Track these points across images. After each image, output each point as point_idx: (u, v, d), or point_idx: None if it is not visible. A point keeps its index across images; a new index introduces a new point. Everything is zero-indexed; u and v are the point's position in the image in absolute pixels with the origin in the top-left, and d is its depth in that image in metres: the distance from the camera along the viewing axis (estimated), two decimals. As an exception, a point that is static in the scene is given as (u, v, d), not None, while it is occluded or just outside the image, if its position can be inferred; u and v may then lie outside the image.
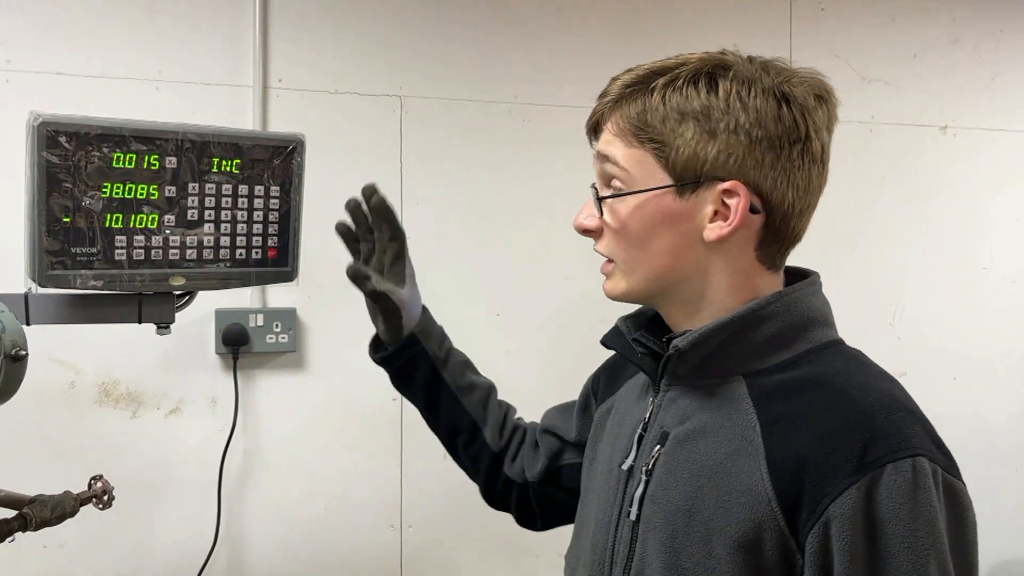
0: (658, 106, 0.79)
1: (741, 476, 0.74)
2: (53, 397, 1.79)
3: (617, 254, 0.85)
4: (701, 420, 0.80)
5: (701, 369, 0.82)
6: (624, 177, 0.82)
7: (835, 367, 0.79)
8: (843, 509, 0.67)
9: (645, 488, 0.81)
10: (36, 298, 1.14)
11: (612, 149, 0.82)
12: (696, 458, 0.79)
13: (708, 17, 2.22)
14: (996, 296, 2.44)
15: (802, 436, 0.72)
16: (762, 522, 0.72)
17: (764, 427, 0.75)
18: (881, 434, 0.70)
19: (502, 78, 2.08)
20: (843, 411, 0.72)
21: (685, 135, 0.78)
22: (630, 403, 0.95)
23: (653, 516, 0.80)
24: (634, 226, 0.82)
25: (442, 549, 2.04)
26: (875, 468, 0.68)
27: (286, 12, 1.93)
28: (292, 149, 1.19)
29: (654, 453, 0.82)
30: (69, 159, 1.05)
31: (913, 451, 0.69)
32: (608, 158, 0.83)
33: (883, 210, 2.36)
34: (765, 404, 0.77)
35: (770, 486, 0.72)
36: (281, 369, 1.93)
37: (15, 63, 1.76)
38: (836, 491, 0.68)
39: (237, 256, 1.19)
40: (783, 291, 0.82)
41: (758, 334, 0.80)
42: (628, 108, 0.81)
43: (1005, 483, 2.44)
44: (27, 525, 1.08)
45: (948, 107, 2.41)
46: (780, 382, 0.78)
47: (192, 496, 1.86)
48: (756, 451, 0.74)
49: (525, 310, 2.09)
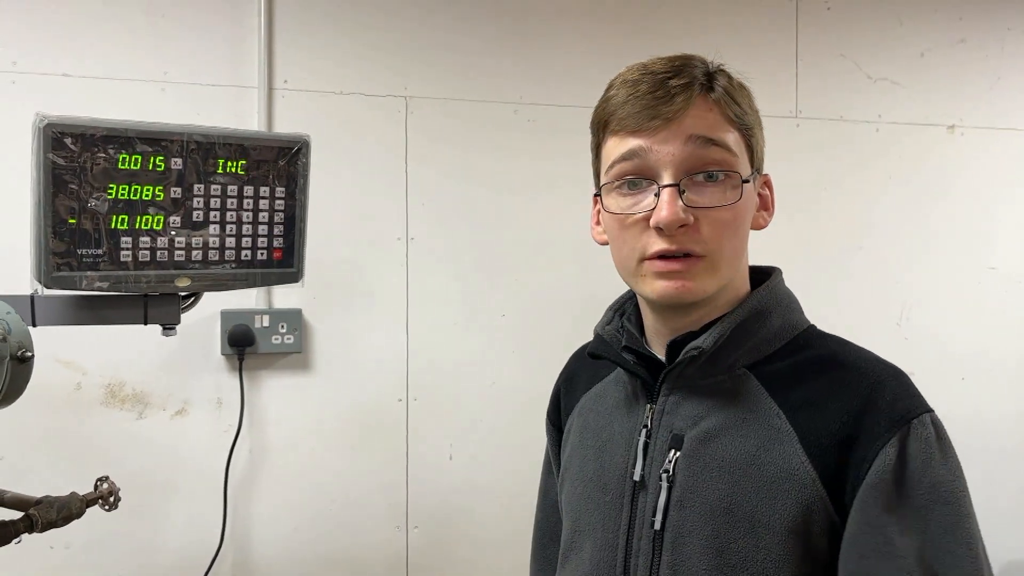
0: (740, 94, 0.82)
1: (779, 463, 0.75)
2: (59, 398, 1.79)
3: (719, 246, 0.79)
4: (719, 418, 0.80)
5: (706, 368, 0.82)
6: (733, 163, 0.79)
7: (831, 348, 0.82)
8: (883, 464, 0.71)
9: (668, 495, 0.80)
10: (42, 299, 1.14)
11: (720, 133, 0.78)
12: (724, 455, 0.78)
13: (714, 17, 2.22)
14: (1003, 296, 2.43)
15: (831, 414, 0.75)
16: (810, 503, 0.74)
17: (789, 413, 0.77)
18: (897, 396, 0.75)
19: (507, 79, 2.08)
20: (860, 385, 0.76)
21: (757, 122, 0.84)
22: (604, 413, 0.92)
23: (684, 522, 0.78)
24: (743, 214, 0.81)
25: (448, 550, 2.04)
26: (902, 425, 0.72)
27: (291, 13, 1.93)
28: (297, 150, 1.19)
29: (670, 458, 0.81)
30: (75, 160, 1.05)
31: (926, 408, 0.75)
32: (715, 141, 0.78)
33: (890, 210, 2.35)
34: (780, 391, 0.79)
35: (811, 467, 0.74)
36: (287, 370, 1.93)
37: (20, 65, 1.76)
38: (875, 452, 0.72)
39: (243, 257, 1.18)
40: (772, 284, 0.86)
41: (764, 327, 0.82)
42: (722, 93, 0.80)
43: (1012, 483, 2.43)
44: (33, 527, 1.08)
45: (955, 106, 2.40)
46: (786, 369, 0.80)
47: (198, 497, 1.87)
48: (788, 437, 0.76)
49: (531, 311, 2.09)
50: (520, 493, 2.06)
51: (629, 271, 0.83)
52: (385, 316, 1.98)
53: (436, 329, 2.02)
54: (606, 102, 0.83)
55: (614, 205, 0.82)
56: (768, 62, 2.25)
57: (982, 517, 0.74)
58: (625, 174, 0.81)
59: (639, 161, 0.79)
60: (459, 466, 2.05)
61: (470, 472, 2.04)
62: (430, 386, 2.02)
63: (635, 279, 0.83)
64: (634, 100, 0.79)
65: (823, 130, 2.27)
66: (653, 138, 0.78)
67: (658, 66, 0.80)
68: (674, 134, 0.77)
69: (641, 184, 0.80)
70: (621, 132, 0.80)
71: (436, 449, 2.03)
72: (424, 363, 2.01)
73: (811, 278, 2.26)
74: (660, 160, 0.78)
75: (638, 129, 0.79)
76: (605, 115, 0.83)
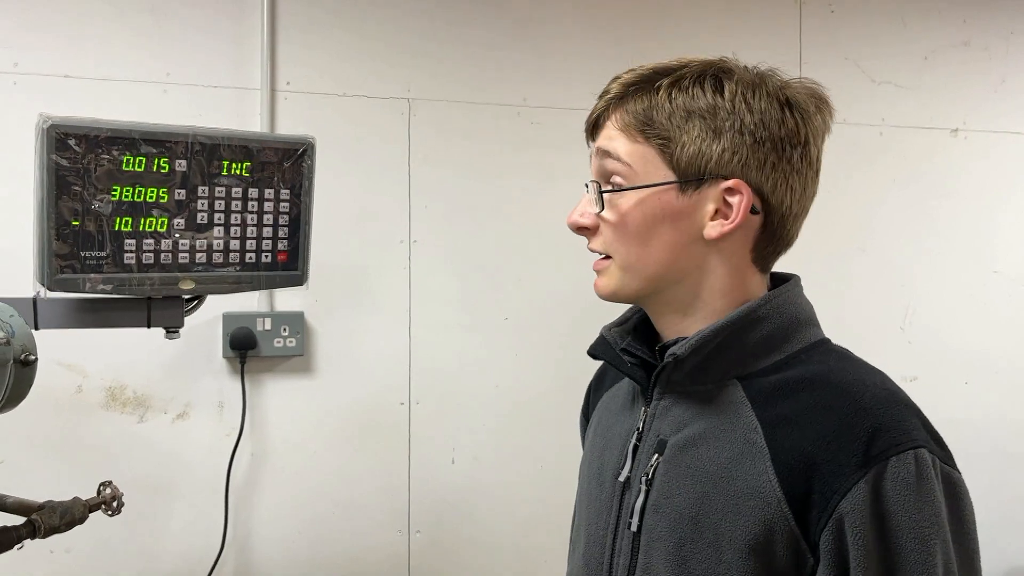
0: (664, 103, 0.80)
1: (748, 479, 0.74)
2: (60, 401, 1.78)
3: (616, 250, 0.83)
4: (700, 426, 0.80)
5: (696, 375, 0.81)
6: (627, 173, 0.81)
7: (829, 365, 0.79)
8: (854, 504, 0.68)
9: (646, 498, 0.81)
10: (45, 302, 1.14)
11: (615, 145, 0.82)
12: (698, 464, 0.78)
13: (717, 19, 2.21)
14: (1007, 299, 2.42)
15: (806, 435, 0.73)
16: (773, 523, 0.72)
17: (766, 428, 0.75)
18: (883, 428, 0.71)
19: (510, 80, 2.07)
20: (844, 408, 0.73)
21: (691, 132, 0.79)
22: (613, 413, 0.94)
23: (656, 526, 0.79)
24: (635, 221, 0.81)
25: (450, 554, 2.03)
26: (879, 462, 0.69)
27: (294, 15, 1.93)
28: (303, 152, 1.18)
29: (652, 462, 0.82)
30: (78, 162, 1.04)
31: (914, 443, 0.70)
32: (610, 153, 0.82)
33: (893, 213, 2.34)
34: (764, 405, 0.77)
35: (778, 487, 0.72)
36: (289, 373, 1.92)
37: (22, 65, 1.75)
38: (845, 487, 0.69)
39: (247, 260, 1.18)
40: (774, 292, 0.83)
41: (753, 336, 0.80)
42: (633, 105, 0.81)
43: (1017, 487, 2.42)
44: (36, 532, 1.07)
45: (959, 109, 2.39)
46: (776, 383, 0.78)
47: (199, 500, 1.86)
48: (761, 453, 0.74)
49: (534, 314, 2.08)
50: (523, 497, 2.05)
51: None
52: (387, 319, 1.97)
53: (439, 332, 2.02)
54: None
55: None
56: (772, 65, 2.24)
57: (985, 522, 0.72)
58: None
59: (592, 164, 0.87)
60: (461, 469, 2.04)
61: (473, 475, 2.03)
62: (432, 389, 2.01)
63: None
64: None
65: (827, 133, 2.26)
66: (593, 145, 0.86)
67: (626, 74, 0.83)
68: (597, 143, 0.85)
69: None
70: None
71: (438, 452, 2.02)
72: (426, 366, 2.01)
73: (814, 281, 2.24)
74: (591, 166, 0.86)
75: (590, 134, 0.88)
76: None
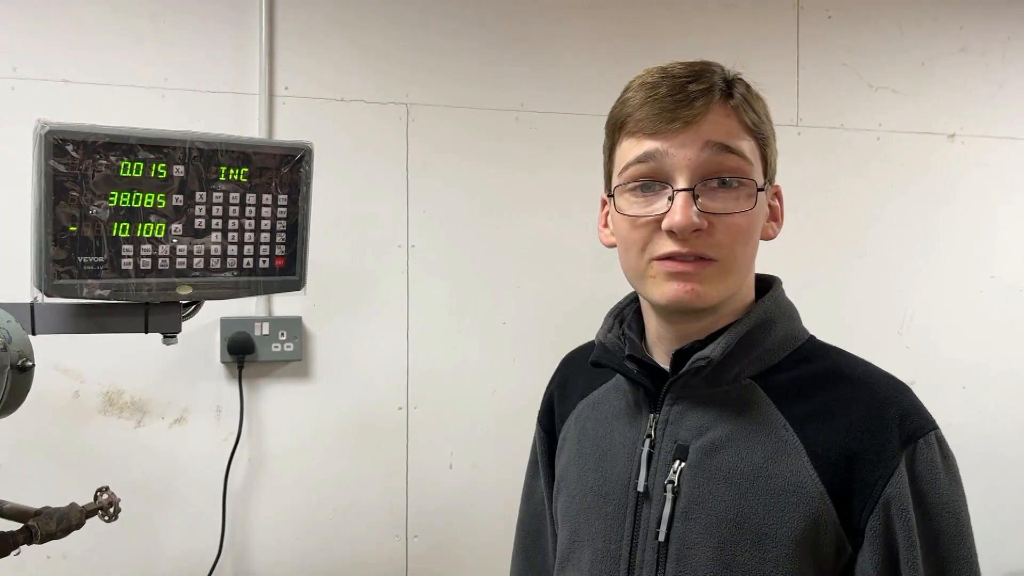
0: (759, 104, 0.82)
1: (786, 476, 0.75)
2: (57, 406, 1.78)
3: (732, 252, 0.78)
4: (725, 429, 0.80)
5: (713, 378, 0.81)
6: (748, 171, 0.79)
7: (836, 360, 0.82)
8: (898, 488, 0.72)
9: (673, 506, 0.79)
10: (42, 307, 1.14)
11: (736, 140, 0.78)
12: (730, 466, 0.78)
13: (716, 25, 2.22)
14: (1005, 305, 2.43)
15: (839, 428, 0.75)
16: (817, 516, 0.74)
17: (795, 425, 0.77)
18: (905, 414, 0.75)
19: (508, 85, 2.07)
20: (868, 400, 0.77)
21: (773, 135, 0.84)
22: (604, 422, 0.91)
23: (689, 533, 0.78)
24: (753, 222, 0.80)
25: (447, 559, 2.03)
26: (909, 445, 0.74)
27: (292, 20, 1.93)
28: (300, 157, 1.19)
29: (675, 469, 0.80)
30: (76, 167, 1.04)
31: (931, 425, 0.76)
32: (731, 148, 0.77)
33: (891, 218, 2.34)
34: (786, 403, 0.79)
35: (819, 480, 0.74)
36: (287, 378, 1.92)
37: (20, 71, 1.76)
38: (888, 473, 0.72)
39: (244, 265, 1.18)
40: (776, 293, 0.86)
41: (771, 336, 0.82)
42: (743, 101, 0.79)
43: (1015, 493, 2.42)
44: (32, 538, 1.07)
45: (956, 115, 2.40)
46: (792, 380, 0.80)
47: (197, 505, 1.85)
48: (795, 449, 0.76)
49: (531, 318, 2.08)
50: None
51: (638, 273, 0.82)
52: (385, 323, 1.97)
53: (436, 336, 2.01)
54: (623, 104, 0.82)
55: (627, 206, 0.81)
56: (769, 70, 2.25)
57: (984, 527, 0.75)
58: (640, 176, 0.80)
59: (655, 164, 0.78)
60: (459, 474, 2.03)
61: (470, 480, 2.03)
62: (430, 394, 2.01)
63: (643, 281, 0.81)
64: (652, 103, 0.78)
65: (824, 138, 2.27)
66: (670, 141, 0.77)
67: (677, 70, 0.79)
68: (692, 139, 0.77)
69: (655, 187, 0.79)
70: (638, 134, 0.79)
71: (436, 457, 2.02)
72: (424, 371, 2.01)
73: (812, 286, 2.26)
74: (676, 164, 0.77)
75: (656, 132, 0.78)
76: (622, 116, 0.82)
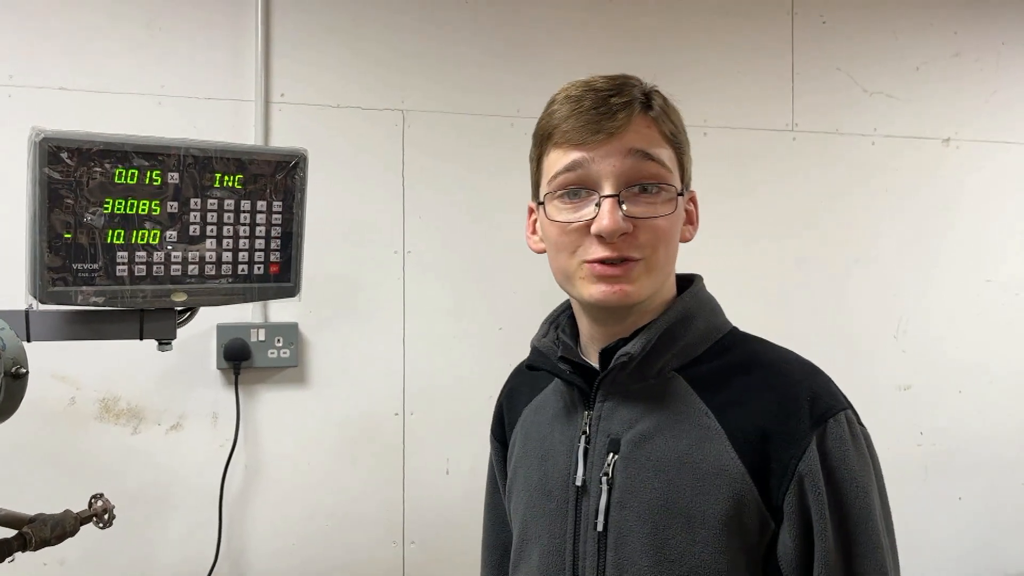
0: (675, 114, 0.87)
1: (711, 460, 0.80)
2: (53, 413, 1.78)
3: (655, 251, 0.83)
4: (652, 420, 0.84)
5: (637, 373, 0.85)
6: (667, 177, 0.84)
7: (754, 349, 0.88)
8: (809, 465, 0.77)
9: (609, 497, 0.83)
10: (37, 315, 1.14)
11: (656, 149, 0.83)
12: (659, 455, 0.82)
13: (710, 31, 2.22)
14: (1000, 308, 2.43)
15: (755, 412, 0.81)
16: (740, 496, 0.78)
17: (716, 412, 0.82)
18: (816, 395, 0.81)
19: (504, 92, 2.08)
20: (781, 384, 0.82)
21: (688, 144, 0.88)
22: (544, 423, 0.95)
23: (625, 521, 0.82)
24: (673, 225, 0.85)
25: (444, 566, 2.02)
26: (820, 424, 0.78)
27: (288, 27, 1.93)
28: (295, 164, 1.19)
29: (609, 462, 0.84)
30: (71, 175, 1.04)
31: (842, 406, 0.81)
32: (652, 156, 0.83)
33: (885, 222, 2.35)
34: (708, 392, 0.84)
35: (740, 462, 0.79)
36: (283, 384, 1.92)
37: (17, 78, 1.76)
38: (800, 451, 0.77)
39: (239, 272, 1.18)
40: (696, 289, 0.91)
41: (691, 330, 0.87)
42: (661, 112, 0.85)
43: (1011, 496, 2.42)
44: (27, 545, 1.06)
45: (950, 120, 2.41)
46: (712, 370, 0.85)
47: (193, 512, 1.85)
48: (717, 434, 0.81)
49: (527, 325, 2.07)
50: (517, 507, 2.05)
51: (567, 276, 0.86)
52: (381, 330, 1.97)
53: (433, 343, 2.02)
54: (550, 116, 0.86)
55: (556, 213, 0.85)
56: (764, 76, 2.26)
57: (983, 527, 0.74)
58: (568, 184, 0.84)
59: (582, 172, 0.83)
60: (456, 481, 2.03)
61: (467, 486, 2.03)
62: (427, 400, 2.01)
63: (573, 282, 0.86)
64: (577, 115, 0.83)
65: (819, 143, 2.27)
66: (595, 151, 0.82)
67: (600, 83, 0.84)
68: (615, 148, 0.82)
69: (582, 194, 0.84)
70: (564, 145, 0.84)
71: (433, 464, 2.02)
72: (421, 377, 2.01)
73: (807, 291, 2.26)
74: (602, 172, 0.82)
75: (581, 143, 0.83)
76: (549, 128, 0.86)
